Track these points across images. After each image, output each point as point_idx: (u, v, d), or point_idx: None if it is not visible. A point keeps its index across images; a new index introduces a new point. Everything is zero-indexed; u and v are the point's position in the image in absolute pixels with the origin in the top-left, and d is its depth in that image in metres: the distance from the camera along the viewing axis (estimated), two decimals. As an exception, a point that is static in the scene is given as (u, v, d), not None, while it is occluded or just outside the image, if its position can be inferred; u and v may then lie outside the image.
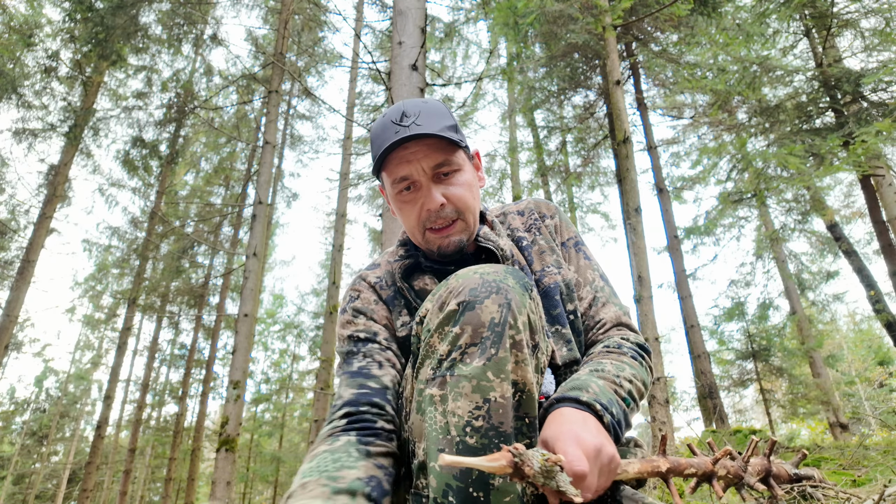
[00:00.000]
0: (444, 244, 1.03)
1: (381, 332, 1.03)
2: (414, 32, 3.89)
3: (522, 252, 1.11)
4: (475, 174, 1.10)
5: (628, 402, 0.88)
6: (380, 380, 0.95)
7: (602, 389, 0.84)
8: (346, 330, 1.05)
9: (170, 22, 9.53)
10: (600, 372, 0.90)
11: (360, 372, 0.96)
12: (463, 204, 1.02)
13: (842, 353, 20.85)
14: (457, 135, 1.03)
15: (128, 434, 18.48)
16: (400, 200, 1.04)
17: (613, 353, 0.98)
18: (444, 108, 1.05)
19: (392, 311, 1.07)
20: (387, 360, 0.99)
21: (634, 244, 5.70)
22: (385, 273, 1.13)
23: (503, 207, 1.22)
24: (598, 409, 0.80)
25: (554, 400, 0.82)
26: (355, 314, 1.06)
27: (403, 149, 0.99)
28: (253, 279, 6.91)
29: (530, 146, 12.48)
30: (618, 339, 1.03)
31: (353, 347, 1.02)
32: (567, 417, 0.77)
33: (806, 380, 10.63)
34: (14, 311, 8.37)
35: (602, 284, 1.12)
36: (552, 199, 12.07)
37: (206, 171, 14.86)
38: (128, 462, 13.19)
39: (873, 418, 9.44)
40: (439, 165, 1.00)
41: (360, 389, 0.93)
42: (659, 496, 3.48)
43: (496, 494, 0.72)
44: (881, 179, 7.02)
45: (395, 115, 1.01)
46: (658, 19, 8.42)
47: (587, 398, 0.81)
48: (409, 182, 1.01)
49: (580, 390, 0.83)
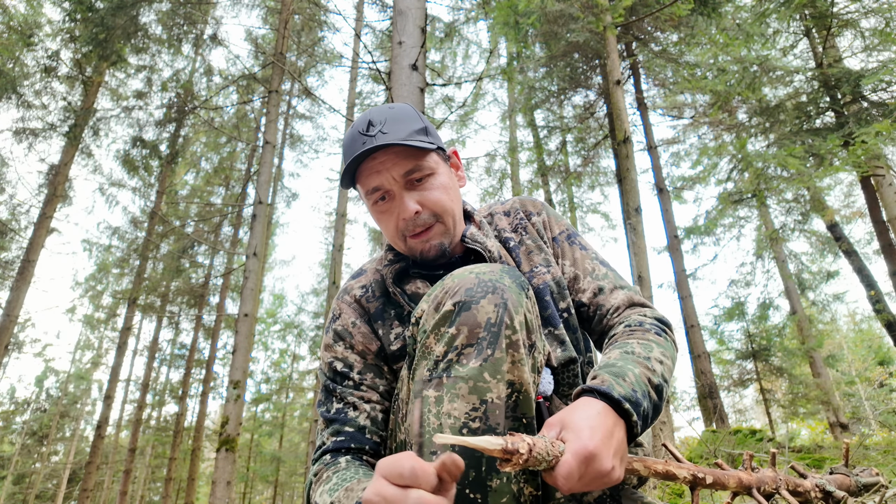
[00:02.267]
0: (426, 248, 1.01)
1: (356, 363, 1.03)
2: (414, 32, 3.89)
3: (510, 253, 1.10)
4: (452, 175, 1.09)
5: (661, 389, 0.84)
6: (355, 422, 0.97)
7: (637, 380, 0.80)
8: (327, 354, 1.06)
9: (170, 22, 9.54)
10: (632, 355, 0.86)
11: (338, 418, 0.98)
12: (440, 207, 1.00)
13: (842, 353, 20.84)
14: (427, 138, 1.01)
15: (128, 434, 18.49)
16: (377, 211, 1.02)
17: (637, 332, 0.94)
18: (413, 112, 1.04)
19: (382, 325, 1.05)
20: (360, 398, 0.99)
21: (634, 244, 5.70)
22: (372, 281, 1.11)
23: (490, 208, 1.21)
24: (628, 411, 0.75)
25: (594, 388, 0.77)
26: (335, 338, 1.06)
27: (372, 159, 0.98)
28: (253, 279, 6.91)
29: (530, 146, 12.48)
30: (637, 316, 1.00)
31: (329, 383, 1.03)
32: (595, 422, 0.70)
33: (806, 380, 10.63)
34: (14, 311, 8.37)
35: (605, 271, 1.09)
36: (552, 199, 12.06)
37: (206, 171, 14.86)
38: (128, 462, 13.20)
39: (873, 418, 9.44)
40: (410, 172, 0.98)
41: (337, 437, 0.97)
42: (659, 496, 3.48)
43: (494, 496, 0.72)
44: (881, 179, 7.02)
45: (361, 126, 0.99)
46: (658, 19, 8.42)
47: (620, 395, 0.75)
48: (382, 192, 1.00)
49: (618, 378, 0.78)
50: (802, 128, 7.28)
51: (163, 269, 13.35)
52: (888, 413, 12.40)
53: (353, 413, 0.98)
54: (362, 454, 0.95)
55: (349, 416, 0.98)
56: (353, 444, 0.95)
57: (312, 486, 0.91)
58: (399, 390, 0.94)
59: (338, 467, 0.90)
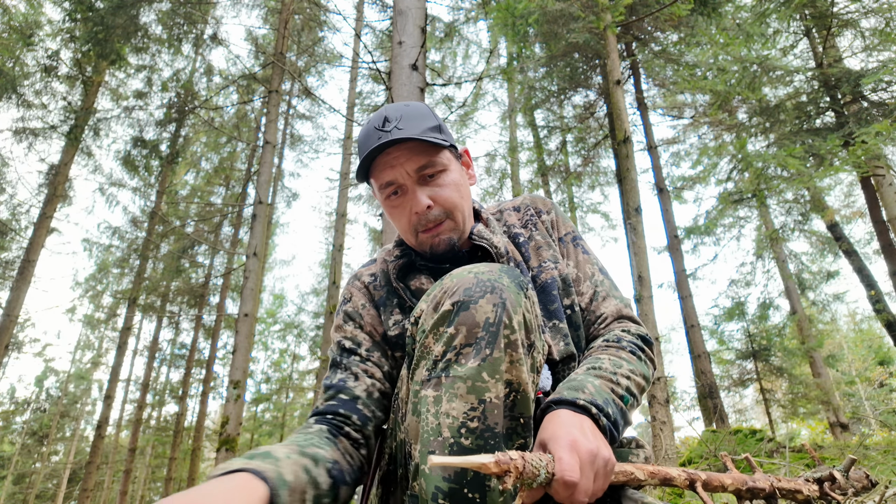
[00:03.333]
0: (436, 243, 1.04)
1: (364, 341, 1.06)
2: (414, 32, 3.89)
3: (519, 248, 1.12)
4: (463, 172, 1.11)
5: (626, 400, 0.87)
6: (352, 391, 0.99)
7: (598, 390, 0.83)
8: (336, 334, 1.09)
9: (170, 22, 9.53)
10: (597, 370, 0.90)
11: (336, 385, 1.01)
12: (450, 203, 1.03)
13: (842, 353, 20.84)
14: (440, 135, 1.04)
15: (128, 434, 18.49)
16: (389, 205, 1.05)
17: (612, 348, 0.97)
18: (427, 110, 1.06)
19: (384, 310, 1.08)
20: (364, 371, 1.02)
21: (635, 244, 5.70)
22: (380, 271, 1.14)
23: (500, 205, 1.23)
24: (593, 412, 0.79)
25: (551, 402, 0.82)
26: (346, 318, 1.10)
27: (386, 154, 1.01)
28: (253, 279, 6.91)
29: (530, 146, 12.48)
30: (618, 332, 1.02)
31: (337, 357, 1.06)
32: (563, 420, 0.76)
33: (806, 380, 10.63)
34: (14, 311, 8.37)
35: (602, 278, 1.12)
36: (552, 199, 12.06)
37: (207, 171, 14.86)
38: (128, 462, 13.20)
39: (873, 418, 9.44)
40: (423, 167, 1.01)
41: (331, 401, 0.99)
42: (659, 496, 3.48)
43: (493, 495, 0.72)
44: (881, 179, 7.02)
45: (377, 121, 1.02)
46: (658, 19, 8.41)
47: (583, 400, 0.80)
48: (395, 186, 1.02)
49: (577, 391, 0.82)
50: (802, 128, 7.28)
51: (163, 269, 13.35)
52: (888, 413, 12.40)
53: (352, 383, 1.00)
54: (346, 425, 0.95)
55: (347, 385, 1.00)
56: (342, 409, 0.96)
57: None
58: (399, 389, 0.95)
59: (303, 429, 0.92)
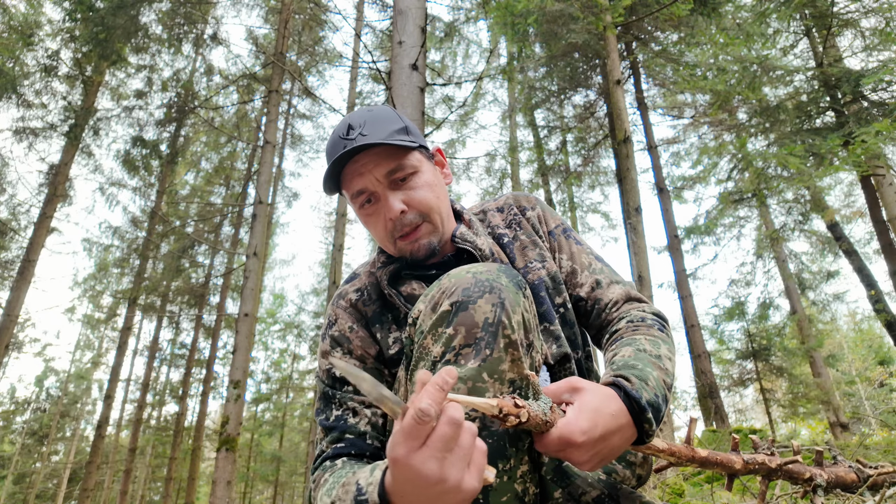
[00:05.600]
0: (415, 248, 1.00)
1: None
2: (414, 32, 3.89)
3: (504, 249, 1.09)
4: (437, 172, 1.08)
5: (672, 390, 0.86)
6: (356, 429, 0.94)
7: (657, 384, 0.80)
8: (324, 361, 1.03)
9: (170, 21, 9.53)
10: (645, 353, 0.86)
11: (337, 426, 0.95)
12: (425, 205, 0.99)
13: (842, 353, 20.84)
14: (408, 137, 1.01)
15: (128, 434, 18.48)
16: (364, 214, 1.02)
17: (642, 328, 0.94)
18: (392, 113, 1.03)
19: (380, 328, 1.03)
20: (360, 402, 0.96)
21: (635, 244, 5.70)
22: (368, 284, 1.09)
23: (482, 205, 1.20)
24: (648, 416, 0.76)
25: (620, 377, 0.78)
26: (333, 344, 1.03)
27: (354, 162, 0.98)
28: (253, 279, 6.91)
29: (530, 146, 12.49)
30: (637, 312, 1.00)
31: (328, 390, 0.99)
32: (610, 408, 0.73)
33: (806, 379, 10.63)
34: (14, 311, 8.37)
35: (600, 266, 1.10)
36: (552, 199, 12.06)
37: (207, 171, 14.87)
38: (128, 461, 13.21)
39: (873, 418, 9.44)
40: (392, 171, 0.98)
41: (337, 444, 0.94)
42: (659, 495, 3.48)
43: (495, 494, 0.72)
44: (881, 179, 7.02)
45: (342, 130, 0.99)
46: (658, 19, 8.41)
47: (646, 400, 0.76)
48: (367, 194, 0.99)
49: (643, 382, 0.78)
50: (802, 127, 7.27)
51: (163, 269, 13.35)
52: (888, 413, 12.40)
53: (353, 419, 0.95)
54: (363, 459, 0.92)
55: (349, 423, 0.95)
56: (354, 450, 0.92)
57: (313, 493, 0.90)
58: (396, 391, 0.94)
59: (334, 469, 0.88)
